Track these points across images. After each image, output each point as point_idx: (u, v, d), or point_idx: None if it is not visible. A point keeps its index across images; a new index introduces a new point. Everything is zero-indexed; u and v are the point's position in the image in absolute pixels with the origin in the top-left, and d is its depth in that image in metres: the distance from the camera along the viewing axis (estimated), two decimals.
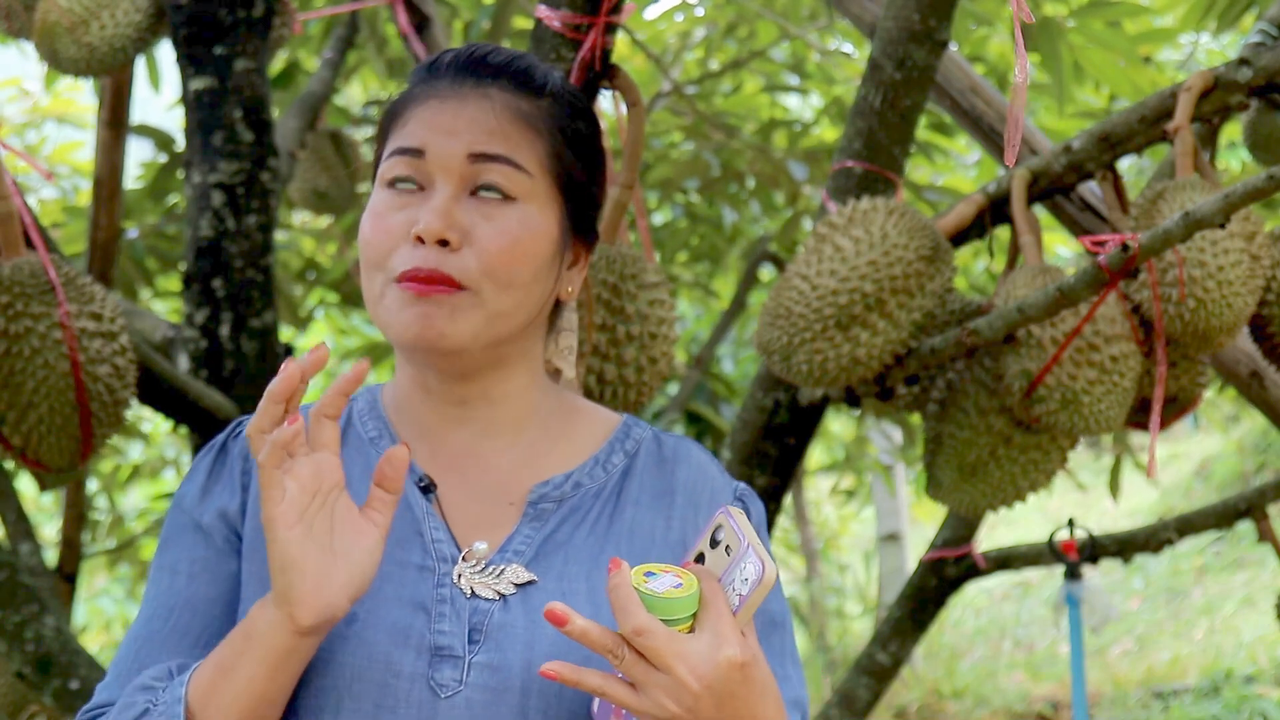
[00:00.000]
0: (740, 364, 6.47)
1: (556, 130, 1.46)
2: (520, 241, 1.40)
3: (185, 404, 2.87)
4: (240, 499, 1.47)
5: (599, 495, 1.49)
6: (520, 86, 1.45)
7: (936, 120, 4.51)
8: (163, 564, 1.48)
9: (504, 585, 1.40)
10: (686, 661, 1.25)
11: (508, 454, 1.49)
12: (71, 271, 2.34)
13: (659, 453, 1.54)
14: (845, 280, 2.26)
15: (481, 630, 1.38)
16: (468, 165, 1.41)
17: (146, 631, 1.44)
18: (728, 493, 1.53)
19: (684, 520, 1.49)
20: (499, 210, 1.41)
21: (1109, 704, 7.88)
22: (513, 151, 1.42)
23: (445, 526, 1.44)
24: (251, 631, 1.31)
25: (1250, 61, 2.34)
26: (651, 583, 1.28)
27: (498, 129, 1.42)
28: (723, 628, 1.27)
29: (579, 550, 1.44)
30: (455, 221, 1.39)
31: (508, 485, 1.48)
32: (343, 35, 4.12)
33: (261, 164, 3.10)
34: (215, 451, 1.51)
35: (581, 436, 1.53)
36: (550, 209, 1.44)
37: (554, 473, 1.49)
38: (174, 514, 1.50)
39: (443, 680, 1.36)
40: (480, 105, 1.43)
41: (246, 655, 1.31)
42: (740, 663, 1.27)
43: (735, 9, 4.59)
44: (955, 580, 3.48)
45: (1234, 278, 2.22)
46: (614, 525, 1.47)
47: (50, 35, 2.95)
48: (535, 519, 1.46)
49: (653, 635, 1.25)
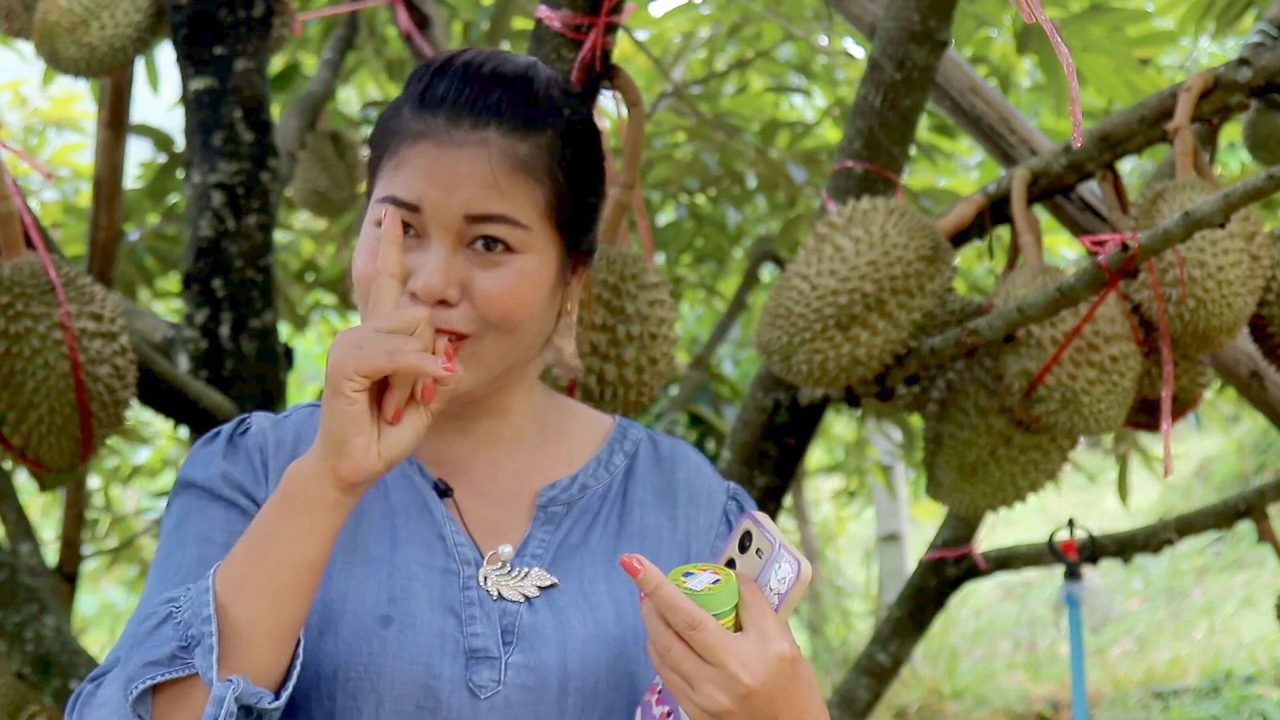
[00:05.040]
0: (741, 365, 6.47)
1: (557, 169, 1.42)
2: (520, 293, 1.39)
3: (185, 404, 2.87)
4: (264, 491, 1.46)
5: (605, 496, 1.51)
6: (520, 127, 1.41)
7: (938, 121, 4.51)
8: (184, 538, 1.42)
9: (529, 588, 1.42)
10: (738, 657, 1.26)
11: (511, 459, 1.50)
12: (72, 272, 2.34)
13: (656, 453, 1.56)
14: (845, 280, 2.26)
15: (513, 632, 1.40)
16: (469, 224, 1.38)
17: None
18: (721, 492, 1.56)
19: (687, 520, 1.52)
20: (497, 263, 1.39)
21: (1109, 704, 7.88)
22: (511, 207, 1.39)
23: (465, 530, 1.46)
24: (288, 491, 1.29)
25: (1250, 61, 2.34)
26: (690, 581, 1.30)
27: (495, 184, 1.38)
28: (767, 625, 1.29)
29: (594, 552, 1.46)
30: (454, 279, 1.38)
31: (514, 489, 1.49)
32: (343, 35, 4.12)
33: (261, 164, 3.10)
34: (224, 441, 1.49)
35: (580, 438, 1.54)
36: (549, 252, 1.42)
37: (558, 475, 1.51)
38: (188, 493, 1.46)
39: (481, 682, 1.38)
40: (477, 154, 1.38)
41: (283, 519, 1.29)
42: (790, 658, 1.28)
43: (739, 9, 4.58)
44: (955, 580, 3.48)
45: (1234, 278, 2.22)
46: (625, 526, 1.49)
47: (50, 35, 2.95)
48: (546, 522, 1.47)
49: (705, 629, 1.27)
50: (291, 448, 1.48)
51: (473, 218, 1.38)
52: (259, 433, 1.49)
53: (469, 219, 1.38)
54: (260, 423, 1.51)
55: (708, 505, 1.53)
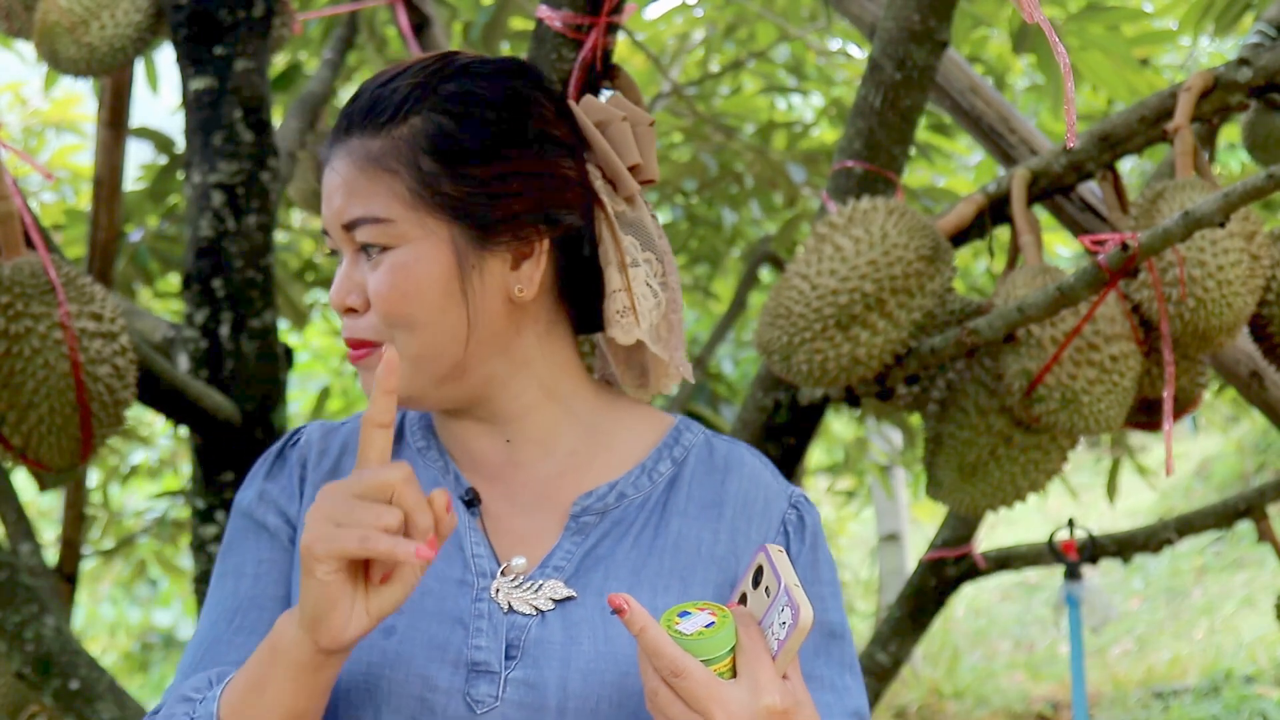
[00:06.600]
0: (740, 365, 6.47)
1: (417, 154, 1.38)
2: (397, 285, 1.38)
3: (185, 404, 2.87)
4: (297, 505, 1.47)
5: (644, 506, 1.45)
6: (373, 124, 1.40)
7: (936, 121, 4.51)
8: (225, 569, 1.47)
9: (542, 601, 1.38)
10: (725, 707, 1.23)
11: (545, 464, 1.46)
12: (72, 271, 2.34)
13: (710, 459, 1.49)
14: (845, 280, 2.26)
15: (518, 646, 1.36)
16: (346, 233, 1.41)
17: (212, 635, 1.44)
18: (782, 499, 1.49)
19: (734, 532, 1.45)
20: (377, 263, 1.39)
21: (1109, 704, 7.88)
22: (368, 206, 1.38)
23: (486, 541, 1.42)
24: (277, 646, 1.29)
25: (1250, 61, 2.34)
26: (683, 623, 1.26)
27: (353, 187, 1.39)
28: (762, 674, 1.25)
29: (620, 565, 1.41)
30: (353, 287, 1.40)
31: (551, 496, 1.45)
32: (343, 36, 4.12)
33: (261, 164, 3.10)
34: (272, 458, 1.51)
35: (627, 443, 1.49)
36: (430, 239, 1.38)
37: (598, 482, 1.46)
38: (234, 520, 1.50)
39: (479, 696, 1.35)
40: (341, 165, 1.40)
41: (273, 671, 1.29)
42: (780, 710, 1.25)
43: (735, 10, 4.59)
44: (955, 580, 3.48)
45: (1234, 277, 2.22)
46: (658, 538, 1.43)
47: (50, 35, 2.95)
48: (578, 532, 1.43)
49: (690, 677, 1.23)
50: (336, 459, 1.49)
51: (345, 226, 1.40)
52: (306, 444, 1.51)
53: (344, 228, 1.40)
54: (311, 433, 1.52)
55: (762, 515, 1.46)
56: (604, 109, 1.49)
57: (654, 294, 1.49)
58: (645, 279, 1.48)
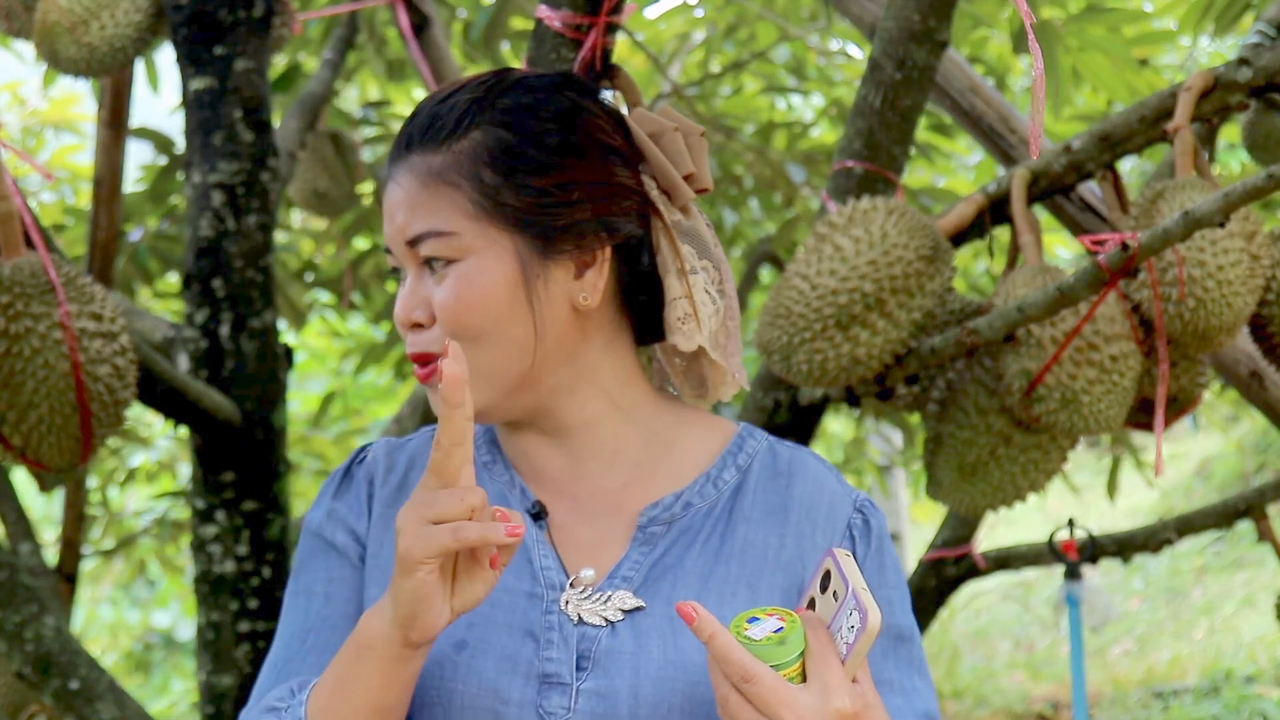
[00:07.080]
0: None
1: (479, 167, 1.40)
2: (462, 298, 1.39)
3: (185, 404, 2.87)
4: (365, 523, 1.49)
5: (710, 514, 1.46)
6: (433, 140, 1.42)
7: (936, 121, 4.51)
8: (297, 589, 1.49)
9: (611, 611, 1.40)
10: (795, 712, 1.24)
11: (611, 475, 1.47)
12: (72, 271, 2.34)
13: (774, 465, 1.50)
14: (845, 280, 2.26)
15: (589, 657, 1.38)
16: (410, 249, 1.42)
17: (285, 655, 1.46)
18: (847, 504, 1.49)
19: (799, 537, 1.46)
20: (442, 276, 1.41)
21: (1109, 704, 7.88)
22: (433, 221, 1.40)
23: (554, 553, 1.44)
24: (363, 643, 1.31)
25: (1250, 61, 2.34)
26: (752, 629, 1.27)
27: (416, 203, 1.41)
28: (831, 678, 1.26)
29: (688, 573, 1.42)
30: (418, 303, 1.42)
31: (617, 507, 1.46)
32: (343, 36, 4.12)
33: (261, 164, 3.10)
34: (340, 476, 1.53)
35: (692, 452, 1.49)
36: (494, 250, 1.40)
37: (663, 492, 1.46)
38: (304, 540, 1.51)
39: (551, 708, 1.36)
40: (403, 181, 1.43)
41: (360, 668, 1.31)
42: (851, 713, 1.26)
43: (735, 10, 4.59)
44: (955, 580, 3.48)
45: (1234, 277, 2.22)
46: (725, 545, 1.44)
47: (50, 35, 2.96)
48: (645, 543, 1.44)
49: (759, 683, 1.24)
50: (403, 474, 1.50)
51: (409, 241, 1.41)
52: (373, 461, 1.52)
53: (408, 244, 1.42)
54: (377, 450, 1.53)
55: (827, 520, 1.47)
56: (656, 120, 1.51)
57: (713, 301, 1.51)
58: (704, 286, 1.50)
